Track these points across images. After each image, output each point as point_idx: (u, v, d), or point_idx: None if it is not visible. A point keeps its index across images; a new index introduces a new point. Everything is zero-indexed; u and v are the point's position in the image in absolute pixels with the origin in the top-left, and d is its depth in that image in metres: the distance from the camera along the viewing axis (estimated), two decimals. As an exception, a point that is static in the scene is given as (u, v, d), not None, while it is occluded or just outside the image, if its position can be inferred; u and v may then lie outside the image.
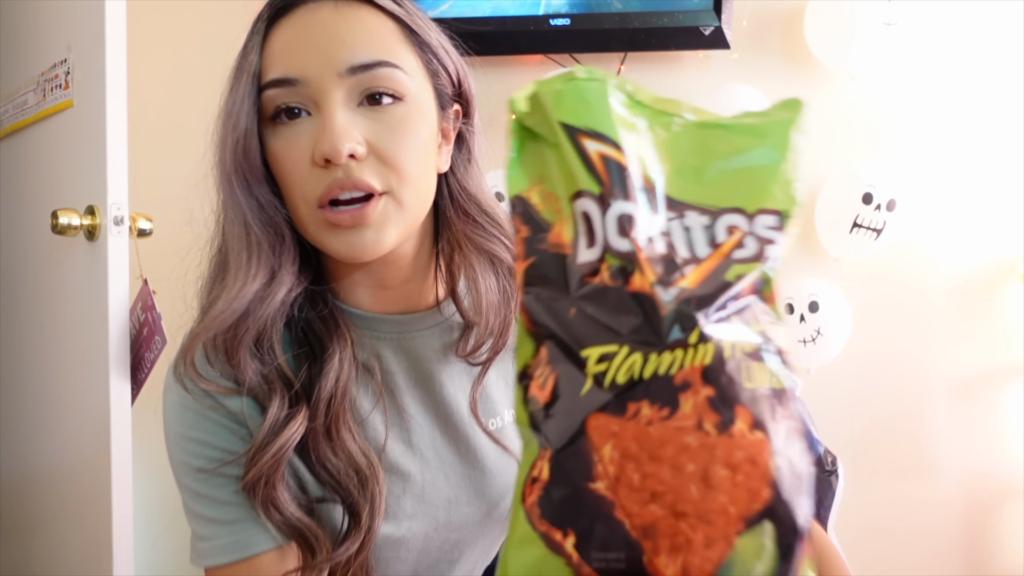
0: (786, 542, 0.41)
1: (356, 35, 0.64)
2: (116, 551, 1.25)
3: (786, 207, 0.48)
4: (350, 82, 0.63)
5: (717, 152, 0.48)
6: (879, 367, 1.81)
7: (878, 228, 1.66)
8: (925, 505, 1.80)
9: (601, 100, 0.46)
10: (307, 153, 0.63)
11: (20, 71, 1.52)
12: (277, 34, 0.65)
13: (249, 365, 0.66)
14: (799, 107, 0.53)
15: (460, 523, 0.74)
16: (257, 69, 0.64)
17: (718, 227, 0.45)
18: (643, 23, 1.73)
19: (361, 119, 0.63)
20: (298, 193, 0.64)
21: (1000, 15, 1.79)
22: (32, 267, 1.50)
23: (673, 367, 0.41)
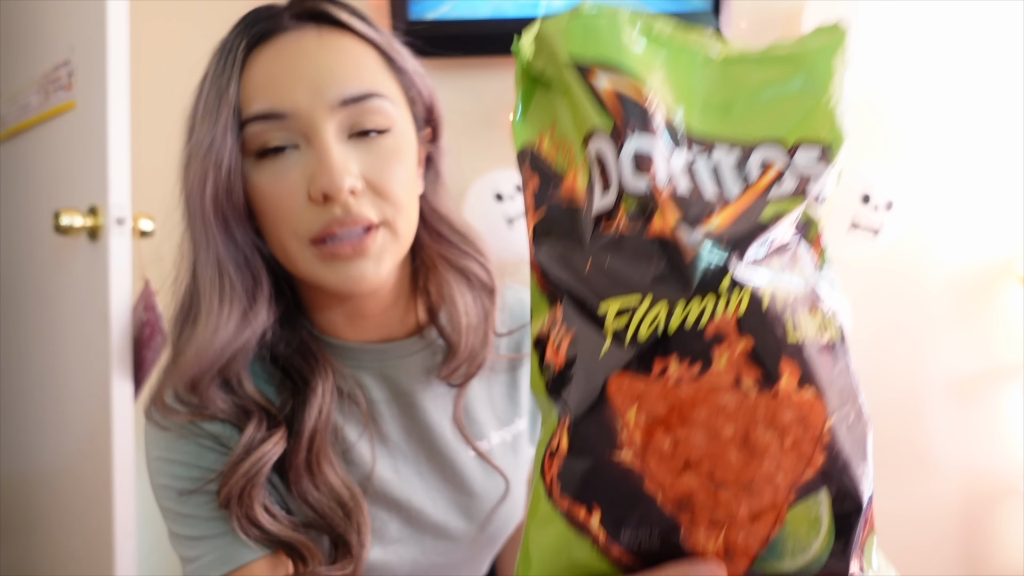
0: (845, 514, 0.37)
1: (344, 66, 0.62)
2: (118, 550, 1.25)
3: (831, 139, 0.44)
4: (341, 114, 0.61)
5: (748, 84, 0.43)
6: (877, 367, 1.81)
7: (876, 228, 1.67)
8: (923, 503, 1.81)
9: (612, 32, 0.42)
10: (298, 188, 0.60)
11: (22, 72, 1.53)
12: (258, 64, 0.62)
13: (222, 400, 0.65)
14: (842, 33, 0.48)
15: (448, 546, 0.74)
16: (237, 101, 0.61)
17: (751, 163, 0.40)
18: (642, 24, 1.74)
19: (354, 151, 0.61)
20: (288, 229, 0.61)
21: (1000, 15, 1.80)
22: (34, 267, 1.50)
23: (703, 318, 0.36)
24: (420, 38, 1.98)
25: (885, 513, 2.00)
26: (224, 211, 0.62)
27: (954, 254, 1.81)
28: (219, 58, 0.66)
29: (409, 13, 1.74)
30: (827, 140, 0.44)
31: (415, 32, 1.90)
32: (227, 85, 0.62)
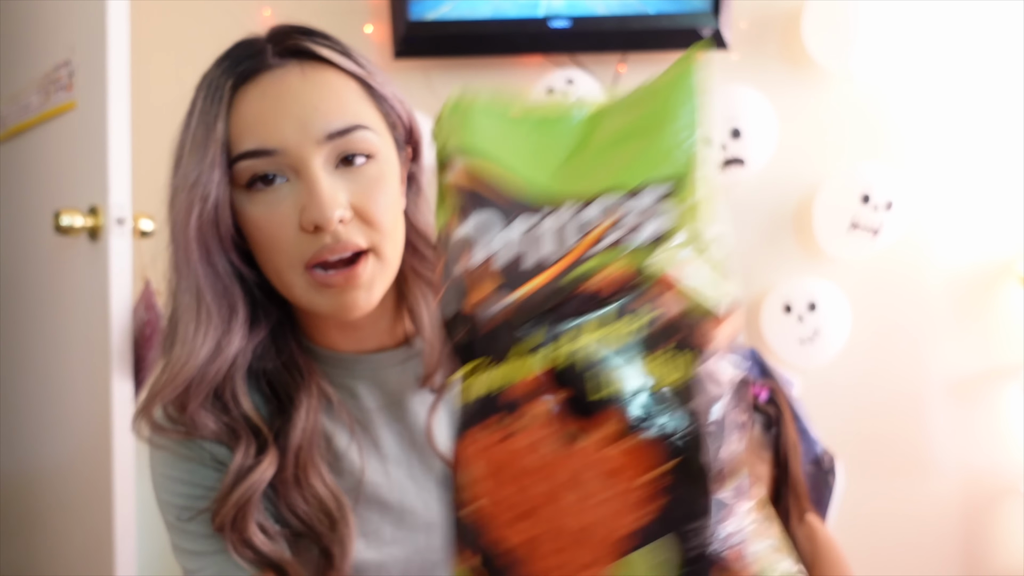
0: (690, 561, 0.37)
1: (328, 102, 0.65)
2: (118, 550, 1.25)
3: (678, 171, 0.42)
4: (327, 148, 0.64)
5: (602, 136, 0.45)
6: (877, 367, 1.81)
7: (876, 228, 1.67)
8: (923, 504, 1.81)
9: (471, 120, 0.45)
10: (290, 218, 0.63)
11: (23, 72, 1.53)
12: (244, 103, 0.65)
13: (208, 419, 0.67)
14: (691, 61, 0.46)
15: (440, 546, 0.75)
16: (225, 139, 0.64)
17: (588, 216, 0.42)
18: (642, 24, 1.74)
19: (341, 181, 0.64)
20: (283, 257, 0.64)
21: (1000, 15, 1.80)
22: (35, 267, 1.51)
23: (514, 378, 0.39)
24: (420, 38, 1.99)
25: (885, 514, 2.00)
26: (207, 241, 0.64)
27: (954, 254, 1.81)
28: (205, 95, 0.67)
29: (409, 13, 1.75)
30: (673, 173, 0.43)
31: (415, 32, 1.91)
32: (214, 122, 0.64)
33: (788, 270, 1.81)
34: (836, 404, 1.80)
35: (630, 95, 0.46)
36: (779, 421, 1.24)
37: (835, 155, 1.81)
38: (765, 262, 1.82)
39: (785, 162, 1.79)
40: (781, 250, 1.82)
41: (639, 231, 0.41)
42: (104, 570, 1.28)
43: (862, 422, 1.81)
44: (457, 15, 1.75)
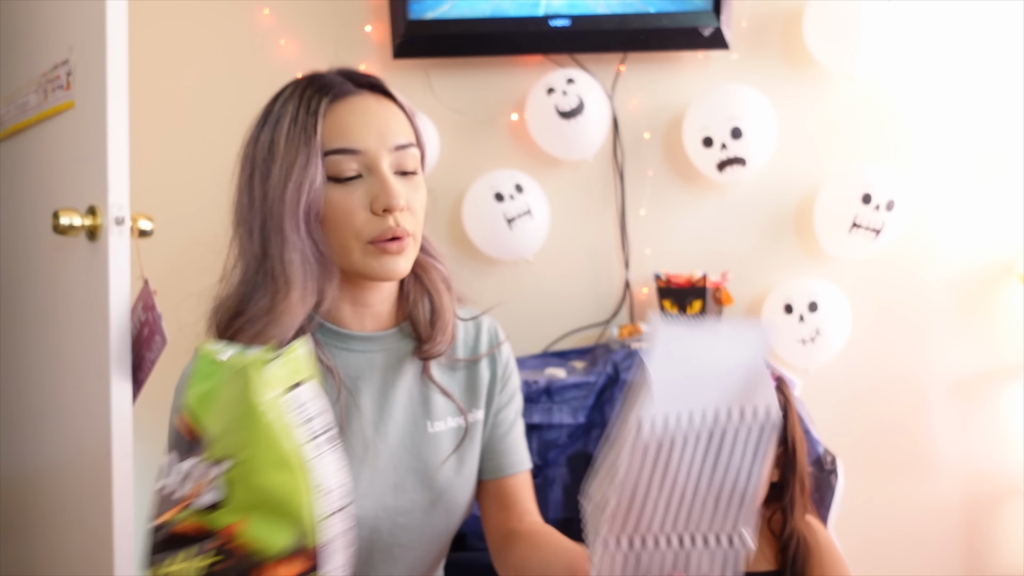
0: None
1: (396, 122, 0.87)
2: (117, 550, 1.25)
3: (228, 453, 0.60)
4: (393, 155, 0.85)
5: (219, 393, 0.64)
6: (878, 367, 1.81)
7: (877, 228, 1.67)
8: (924, 504, 1.81)
9: (193, 375, 0.63)
10: (363, 204, 0.84)
11: (21, 72, 1.53)
12: (336, 114, 0.84)
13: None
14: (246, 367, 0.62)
15: (407, 508, 0.90)
16: (322, 137, 0.83)
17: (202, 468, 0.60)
18: (643, 23, 1.73)
19: (400, 184, 0.85)
20: (351, 232, 0.84)
21: (1000, 15, 1.80)
22: (33, 267, 1.50)
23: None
24: (420, 37, 1.98)
25: (887, 514, 2.00)
26: (309, 218, 0.83)
27: (955, 254, 1.81)
28: (299, 105, 0.85)
29: (409, 12, 1.74)
30: (226, 454, 0.60)
31: (415, 31, 1.91)
32: (314, 127, 0.83)
33: (789, 270, 1.81)
34: (837, 404, 1.80)
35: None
36: (786, 410, 1.24)
37: (836, 155, 1.81)
38: (766, 262, 1.82)
39: (786, 162, 1.79)
40: (782, 250, 1.82)
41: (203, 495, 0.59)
42: (104, 570, 1.28)
43: (863, 422, 1.81)
44: (456, 14, 1.75)
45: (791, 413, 1.25)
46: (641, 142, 1.83)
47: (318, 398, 0.65)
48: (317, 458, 0.62)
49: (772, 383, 0.58)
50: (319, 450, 0.63)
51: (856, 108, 1.80)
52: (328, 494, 0.62)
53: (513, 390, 0.99)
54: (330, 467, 0.63)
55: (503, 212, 1.69)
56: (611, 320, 1.83)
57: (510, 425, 0.98)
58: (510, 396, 0.98)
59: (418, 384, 0.92)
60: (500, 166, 1.79)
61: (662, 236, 1.83)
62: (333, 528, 0.62)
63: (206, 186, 1.85)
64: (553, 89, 1.69)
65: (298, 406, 0.62)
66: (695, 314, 1.66)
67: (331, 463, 0.63)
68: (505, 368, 0.98)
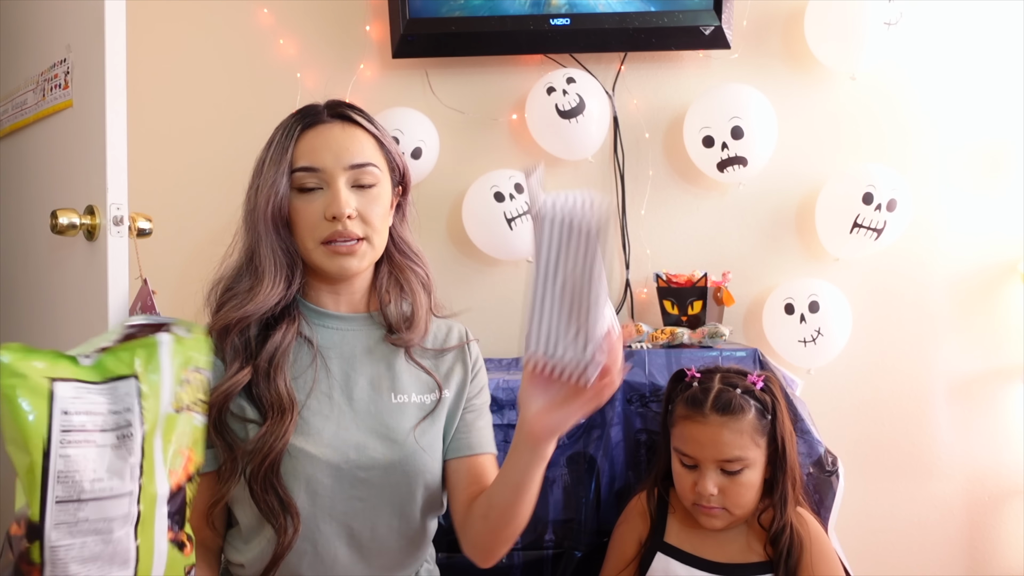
0: None
1: (354, 145, 1.04)
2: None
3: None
4: (349, 173, 1.03)
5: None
6: (879, 367, 1.81)
7: (878, 228, 1.66)
8: (925, 504, 1.80)
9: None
10: (319, 211, 1.03)
11: (19, 71, 1.52)
12: (305, 139, 1.05)
13: (230, 345, 1.04)
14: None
15: (367, 464, 1.04)
16: (291, 159, 1.03)
17: None
18: (643, 23, 1.73)
19: (353, 196, 1.04)
20: (308, 234, 1.03)
21: (1000, 15, 1.79)
22: (32, 267, 1.50)
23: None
24: (420, 36, 1.97)
25: (888, 514, 1.99)
26: (276, 220, 1.03)
27: (956, 254, 1.81)
28: (282, 133, 1.05)
29: (409, 11, 1.74)
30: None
31: (414, 30, 1.90)
32: (287, 149, 1.03)
33: (790, 270, 1.80)
34: (838, 405, 1.79)
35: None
36: (775, 409, 1.25)
37: (837, 154, 1.80)
38: (767, 262, 1.81)
39: (787, 161, 1.79)
40: (783, 250, 1.81)
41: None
42: (101, 572, 1.27)
43: (864, 422, 1.80)
44: (456, 13, 1.74)
45: (780, 412, 1.26)
46: (641, 142, 1.83)
47: (88, 397, 0.76)
48: (63, 447, 0.73)
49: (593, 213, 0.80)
50: (67, 440, 0.73)
51: (857, 108, 1.80)
52: (64, 480, 0.72)
53: (482, 383, 1.15)
54: (79, 460, 0.73)
55: (503, 212, 1.68)
56: (611, 320, 1.82)
57: (479, 412, 1.14)
58: (479, 388, 1.15)
59: (386, 361, 1.09)
60: (500, 166, 1.79)
61: (662, 236, 1.82)
62: (64, 512, 0.72)
63: (204, 185, 1.85)
64: (553, 88, 1.69)
65: (58, 398, 0.74)
66: (695, 314, 1.65)
67: (84, 457, 0.74)
68: (475, 363, 1.15)
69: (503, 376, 1.54)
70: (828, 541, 1.28)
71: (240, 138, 1.87)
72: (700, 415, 1.23)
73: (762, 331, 1.73)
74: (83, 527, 0.74)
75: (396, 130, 1.71)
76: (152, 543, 0.79)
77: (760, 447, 1.23)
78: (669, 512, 1.31)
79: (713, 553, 1.26)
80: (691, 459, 1.24)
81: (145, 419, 0.79)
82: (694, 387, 1.28)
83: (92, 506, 0.74)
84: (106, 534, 0.75)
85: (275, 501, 0.98)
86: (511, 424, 1.46)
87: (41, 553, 0.72)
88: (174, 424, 0.83)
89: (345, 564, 1.04)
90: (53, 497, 0.72)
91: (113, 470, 0.76)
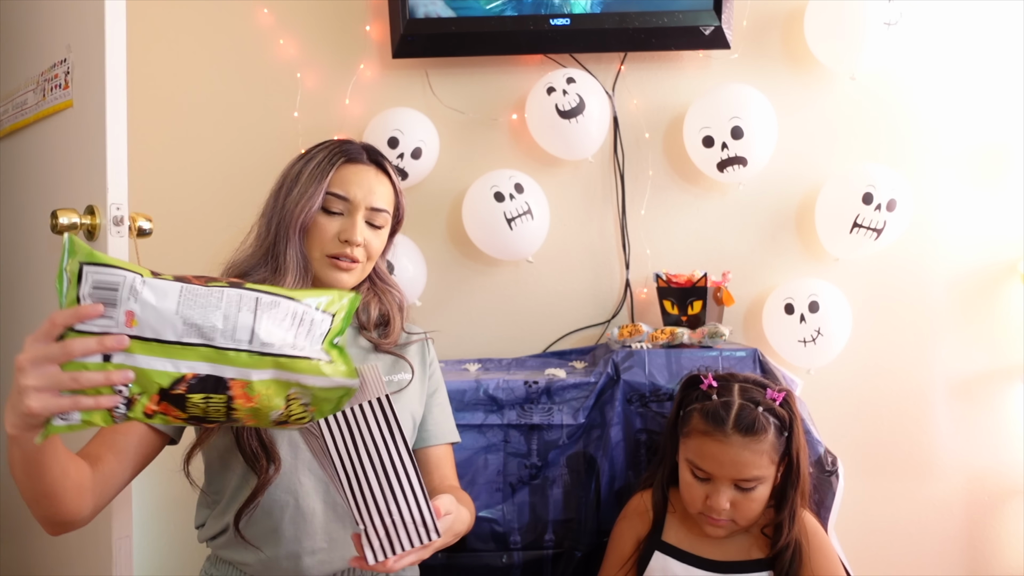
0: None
1: (380, 190, 1.20)
2: (116, 551, 1.25)
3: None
4: (368, 211, 1.18)
5: None
6: (879, 367, 1.81)
7: (878, 228, 1.66)
8: (925, 504, 1.80)
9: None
10: (335, 232, 1.17)
11: (20, 71, 1.52)
12: (344, 170, 1.19)
13: None
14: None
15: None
16: (329, 181, 1.17)
17: None
18: (643, 23, 1.73)
19: (366, 230, 1.18)
20: (318, 245, 1.17)
21: (1000, 15, 1.79)
22: (32, 267, 1.50)
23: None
24: (419, 36, 1.97)
25: (888, 514, 1.99)
26: (301, 229, 1.16)
27: (956, 254, 1.81)
28: (324, 156, 1.18)
29: (409, 11, 1.74)
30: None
31: (414, 30, 1.90)
32: (326, 173, 1.17)
33: (790, 270, 1.80)
34: (838, 405, 1.79)
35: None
36: (791, 425, 1.24)
37: (837, 154, 1.80)
38: (767, 262, 1.81)
39: (787, 161, 1.79)
40: (783, 250, 1.82)
41: None
42: (102, 570, 1.28)
43: (864, 423, 1.80)
44: (456, 13, 1.74)
45: (796, 427, 1.24)
46: (641, 142, 1.83)
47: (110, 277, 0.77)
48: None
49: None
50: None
51: (857, 107, 1.80)
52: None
53: (438, 381, 1.29)
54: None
55: (503, 212, 1.68)
56: (611, 320, 1.82)
57: (440, 407, 1.28)
58: (436, 383, 1.29)
59: (356, 347, 1.24)
60: (500, 166, 1.79)
61: (662, 236, 1.83)
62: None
63: (205, 185, 1.85)
64: (553, 88, 1.69)
65: (86, 276, 0.77)
66: (695, 314, 1.65)
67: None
68: (432, 362, 1.30)
69: (503, 376, 1.54)
70: (828, 541, 1.28)
71: (240, 138, 1.87)
72: (721, 433, 1.20)
73: (762, 331, 1.73)
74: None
75: (396, 130, 1.71)
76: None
77: (775, 463, 1.22)
78: (668, 511, 1.30)
79: (711, 552, 1.26)
80: (706, 473, 1.22)
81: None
82: (713, 400, 1.25)
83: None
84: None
85: (257, 444, 1.09)
86: (511, 424, 1.46)
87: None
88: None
89: (322, 521, 1.13)
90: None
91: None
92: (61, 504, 0.94)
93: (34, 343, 0.76)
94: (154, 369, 0.78)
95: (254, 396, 0.81)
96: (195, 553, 1.30)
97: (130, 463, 1.04)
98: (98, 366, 0.77)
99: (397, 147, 1.70)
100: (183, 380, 0.79)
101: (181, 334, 0.78)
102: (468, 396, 1.48)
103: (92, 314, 0.75)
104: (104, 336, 0.76)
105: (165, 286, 0.78)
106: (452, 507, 1.03)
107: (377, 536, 0.94)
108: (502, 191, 1.69)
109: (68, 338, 0.76)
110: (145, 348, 0.77)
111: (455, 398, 1.46)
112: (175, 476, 1.14)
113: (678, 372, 1.46)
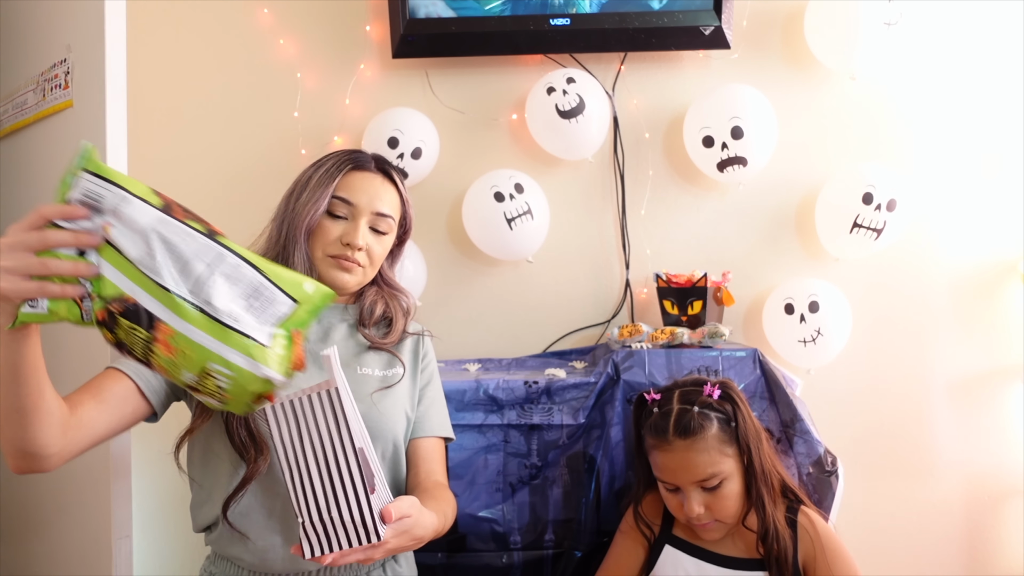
0: None
1: (387, 196, 1.23)
2: (115, 551, 1.25)
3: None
4: (372, 216, 1.21)
5: None
6: (879, 367, 1.81)
7: (878, 228, 1.66)
8: (925, 504, 1.80)
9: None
10: (338, 234, 1.20)
11: (20, 71, 1.52)
12: (351, 177, 1.22)
13: None
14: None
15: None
16: (335, 186, 1.20)
17: None
18: (643, 23, 1.73)
19: (369, 235, 1.21)
20: (321, 246, 1.20)
21: (1000, 15, 1.80)
22: (32, 267, 1.50)
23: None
24: (419, 36, 1.97)
25: (887, 514, 1.98)
26: (308, 229, 1.19)
27: (956, 254, 1.81)
28: (333, 163, 1.22)
29: (409, 11, 1.74)
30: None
31: (414, 30, 1.90)
32: (333, 178, 1.21)
33: (790, 270, 1.80)
34: (838, 405, 1.79)
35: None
36: (736, 415, 1.24)
37: (837, 155, 1.80)
38: (767, 262, 1.81)
39: (787, 162, 1.79)
40: (783, 250, 1.82)
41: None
42: (103, 570, 1.28)
43: (864, 422, 1.81)
44: (457, 14, 1.74)
45: (741, 416, 1.25)
46: (641, 142, 1.83)
47: (100, 187, 0.81)
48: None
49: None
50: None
51: (857, 108, 1.80)
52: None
53: (431, 373, 1.30)
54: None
55: (503, 212, 1.68)
56: (611, 320, 1.83)
57: (431, 400, 1.28)
58: (428, 378, 1.29)
59: (354, 342, 1.26)
60: (500, 166, 1.79)
61: (662, 236, 1.83)
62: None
63: (204, 185, 1.85)
64: (553, 88, 1.69)
65: (79, 182, 0.81)
66: (695, 314, 1.65)
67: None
68: (427, 355, 1.30)
69: (503, 376, 1.54)
70: (838, 539, 1.28)
71: (240, 138, 1.87)
72: (665, 443, 1.23)
73: (762, 331, 1.74)
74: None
75: (396, 130, 1.71)
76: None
77: (730, 455, 1.23)
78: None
79: (720, 547, 1.27)
80: (671, 484, 1.24)
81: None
82: (654, 412, 1.28)
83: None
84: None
85: (246, 434, 1.11)
86: (511, 424, 1.46)
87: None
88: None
89: None
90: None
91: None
92: (31, 426, 0.91)
93: (17, 230, 0.82)
94: (108, 279, 0.81)
95: (174, 348, 0.82)
96: (195, 553, 1.30)
97: (108, 415, 1.03)
98: (69, 258, 0.81)
99: (397, 147, 1.70)
100: (122, 299, 0.82)
101: (142, 257, 0.82)
102: (468, 396, 1.48)
103: (76, 214, 0.81)
104: (80, 231, 0.80)
105: (145, 210, 0.81)
106: (412, 511, 0.99)
107: (315, 531, 0.91)
108: (502, 191, 1.69)
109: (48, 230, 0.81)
110: (112, 258, 0.81)
111: (455, 398, 1.46)
112: (175, 476, 1.14)
113: (678, 372, 1.46)
